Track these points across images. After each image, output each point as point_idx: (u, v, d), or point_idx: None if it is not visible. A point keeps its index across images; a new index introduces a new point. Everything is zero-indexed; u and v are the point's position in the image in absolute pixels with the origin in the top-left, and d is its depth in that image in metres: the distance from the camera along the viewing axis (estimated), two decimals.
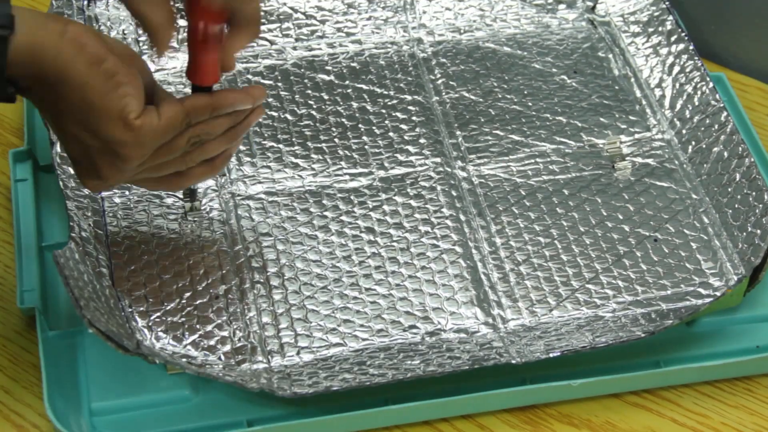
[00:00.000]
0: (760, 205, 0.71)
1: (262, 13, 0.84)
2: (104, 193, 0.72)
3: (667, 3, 0.84)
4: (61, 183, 0.70)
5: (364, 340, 0.67)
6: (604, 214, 0.74)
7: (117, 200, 0.73)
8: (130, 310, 0.67)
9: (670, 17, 0.83)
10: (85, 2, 0.80)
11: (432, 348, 0.67)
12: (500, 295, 0.70)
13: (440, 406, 0.66)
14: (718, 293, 0.69)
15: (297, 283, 0.70)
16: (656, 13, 0.84)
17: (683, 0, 0.87)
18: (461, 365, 0.65)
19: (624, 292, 0.70)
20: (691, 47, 0.81)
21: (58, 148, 0.72)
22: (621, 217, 0.74)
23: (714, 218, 0.74)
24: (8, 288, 0.71)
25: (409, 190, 0.75)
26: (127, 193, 0.73)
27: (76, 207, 0.70)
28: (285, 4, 0.85)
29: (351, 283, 0.70)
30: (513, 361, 0.65)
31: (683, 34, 0.82)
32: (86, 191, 0.71)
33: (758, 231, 0.70)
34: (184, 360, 0.64)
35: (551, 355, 0.65)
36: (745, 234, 0.71)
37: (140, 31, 0.81)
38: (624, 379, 0.67)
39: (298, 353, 0.67)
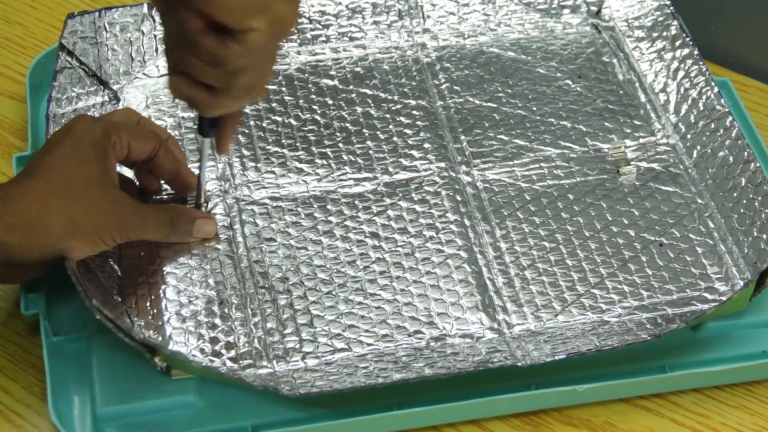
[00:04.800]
0: (766, 210, 0.71)
1: None
2: None
3: (671, 8, 0.84)
4: None
5: (369, 345, 0.67)
6: (609, 218, 0.74)
7: None
8: (136, 318, 0.67)
9: (675, 22, 0.83)
10: (97, 13, 0.80)
11: (437, 353, 0.67)
12: (505, 300, 0.70)
13: (446, 411, 0.66)
14: (723, 298, 0.69)
15: (301, 288, 0.70)
16: (660, 18, 0.84)
17: (683, 0, 0.87)
18: (467, 367, 0.64)
19: (629, 297, 0.70)
20: (695, 52, 0.81)
21: None
22: (626, 221, 0.74)
23: (719, 223, 0.74)
24: (9, 289, 0.71)
25: (413, 194, 0.75)
26: None
27: None
28: None
29: (356, 288, 0.70)
30: (519, 363, 0.65)
31: (688, 38, 0.82)
32: None
33: (764, 236, 0.70)
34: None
35: (557, 357, 0.65)
36: (750, 239, 0.71)
37: (145, 36, 0.81)
38: (630, 384, 0.67)
39: (303, 358, 0.66)
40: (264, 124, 0.79)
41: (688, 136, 0.78)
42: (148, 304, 0.68)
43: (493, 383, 0.66)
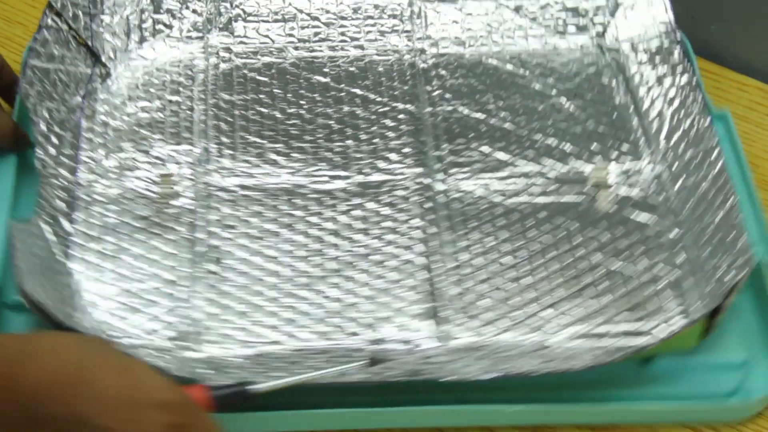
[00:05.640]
0: (731, 254, 0.68)
1: (267, 11, 0.85)
2: (80, 179, 0.74)
3: (677, 33, 0.81)
4: (37, 162, 0.72)
5: (304, 340, 0.67)
6: (578, 241, 0.73)
7: (90, 181, 0.74)
8: (84, 290, 0.68)
9: (679, 48, 0.81)
10: None
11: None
12: (453, 311, 0.69)
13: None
14: (670, 333, 0.67)
15: (250, 277, 0.70)
16: (666, 45, 0.82)
17: (683, 0, 0.85)
18: (396, 376, 0.64)
19: (578, 323, 0.68)
20: (695, 80, 0.78)
21: (42, 126, 0.74)
22: (593, 246, 0.72)
23: (685, 259, 0.71)
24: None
25: (383, 197, 0.75)
26: (101, 179, 0.75)
27: (48, 186, 0.71)
28: (290, 4, 0.85)
29: (304, 283, 0.70)
30: (446, 379, 0.64)
31: (690, 66, 0.79)
32: (64, 173, 0.73)
33: (725, 278, 0.68)
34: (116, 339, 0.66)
35: (486, 376, 0.64)
36: (713, 281, 0.69)
37: (143, 17, 0.83)
38: (561, 411, 0.65)
39: (237, 346, 0.67)
40: (248, 114, 0.80)
41: (674, 167, 0.76)
42: (96, 277, 0.69)
43: (421, 393, 0.66)
